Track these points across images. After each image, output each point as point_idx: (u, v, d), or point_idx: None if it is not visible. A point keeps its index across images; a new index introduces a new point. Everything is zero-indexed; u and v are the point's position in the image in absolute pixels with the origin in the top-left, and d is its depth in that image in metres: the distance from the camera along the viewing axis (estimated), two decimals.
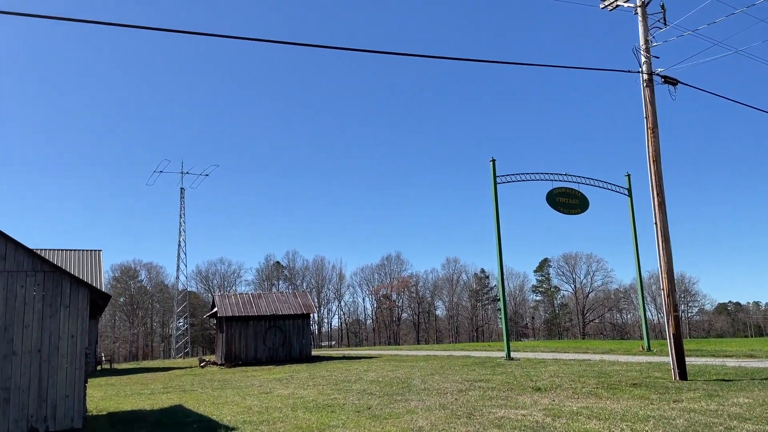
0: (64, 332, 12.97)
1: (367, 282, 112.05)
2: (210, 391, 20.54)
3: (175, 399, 18.69)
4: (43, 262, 13.22)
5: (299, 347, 36.27)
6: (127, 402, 18.82)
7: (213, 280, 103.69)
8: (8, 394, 12.25)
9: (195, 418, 13.85)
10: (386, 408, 13.68)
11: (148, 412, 16.01)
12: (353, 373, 23.99)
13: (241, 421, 12.81)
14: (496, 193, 29.38)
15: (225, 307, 35.64)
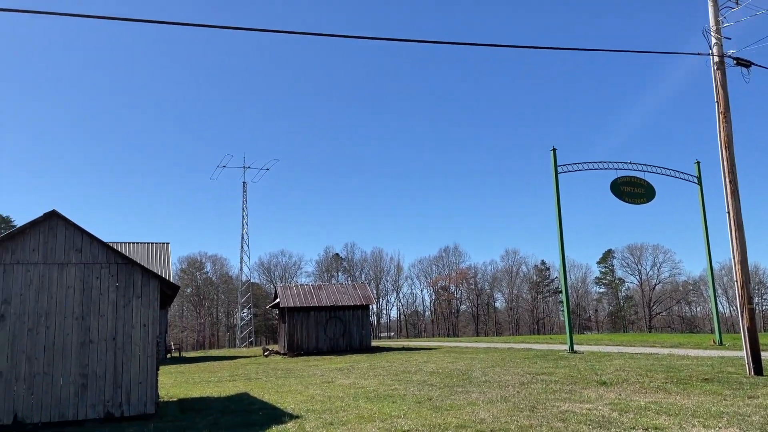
0: (136, 321, 13.56)
1: (425, 274, 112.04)
2: (274, 379, 21.04)
3: (241, 387, 19.25)
4: (116, 255, 13.84)
5: (359, 338, 36.66)
6: (196, 389, 19.52)
7: (275, 272, 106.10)
8: (86, 380, 12.91)
9: (260, 406, 14.23)
10: (447, 399, 13.67)
11: (216, 399, 16.56)
12: (413, 364, 24.08)
13: (304, 409, 13.07)
14: (557, 183, 28.75)
15: (287, 297, 36.38)
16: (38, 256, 13.12)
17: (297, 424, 11.14)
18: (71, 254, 13.38)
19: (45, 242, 13.25)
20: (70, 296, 13.15)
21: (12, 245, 13.03)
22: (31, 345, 12.69)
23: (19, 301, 12.79)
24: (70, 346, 12.94)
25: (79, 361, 12.94)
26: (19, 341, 12.62)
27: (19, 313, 12.74)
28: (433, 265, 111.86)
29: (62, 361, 12.82)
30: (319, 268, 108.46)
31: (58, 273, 13.17)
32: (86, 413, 12.77)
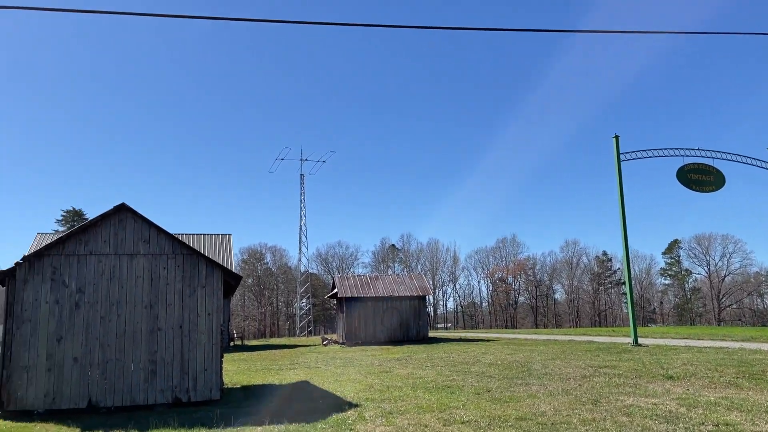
0: (201, 310, 14.01)
1: (482, 265, 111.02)
2: (333, 368, 21.36)
3: (302, 375, 19.63)
4: (182, 246, 14.32)
5: (416, 328, 36.73)
6: (258, 376, 20.03)
7: (332, 263, 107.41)
8: (155, 366, 13.46)
9: (320, 394, 14.48)
10: (506, 391, 13.54)
11: (278, 386, 16.95)
12: (471, 356, 23.95)
13: (363, 398, 13.22)
14: (620, 171, 27.90)
15: (345, 288, 36.80)
16: (109, 248, 13.73)
17: (357, 413, 11.28)
18: (140, 245, 13.93)
19: (115, 234, 13.85)
20: (139, 286, 13.71)
21: (85, 237, 13.67)
22: (104, 332, 13.31)
23: (92, 290, 13.43)
24: (140, 334, 13.51)
25: (148, 348, 13.49)
26: (92, 328, 13.26)
27: (92, 302, 13.38)
28: (490, 255, 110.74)
29: (133, 347, 13.39)
30: (375, 259, 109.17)
31: (128, 263, 13.74)
32: (155, 398, 13.32)
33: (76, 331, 13.15)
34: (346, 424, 10.23)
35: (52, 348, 12.94)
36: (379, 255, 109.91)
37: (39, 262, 13.26)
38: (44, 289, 13.13)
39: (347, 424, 10.16)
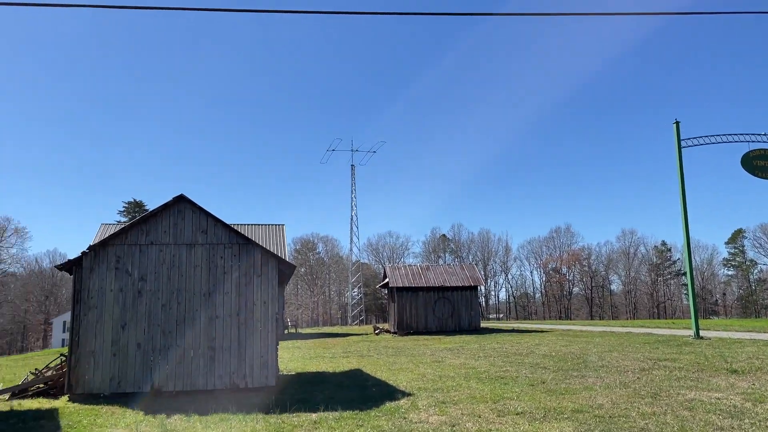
0: (257, 298, 14.31)
1: (535, 255, 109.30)
2: (385, 357, 21.49)
3: (354, 363, 19.84)
4: (238, 236, 14.64)
5: (468, 319, 36.54)
6: (312, 364, 20.36)
7: (382, 252, 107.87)
8: (213, 352, 13.85)
9: (373, 382, 14.59)
10: (561, 383, 13.32)
11: (331, 374, 17.18)
12: (524, 347, 23.67)
13: (416, 387, 13.25)
14: (680, 158, 26.91)
15: (396, 278, 36.90)
16: (169, 237, 14.16)
17: (410, 401, 11.32)
18: (198, 235, 14.31)
19: (175, 224, 14.27)
20: (197, 274, 14.11)
21: (146, 227, 14.15)
22: (165, 319, 13.77)
23: (153, 279, 13.90)
24: (199, 321, 13.91)
25: (207, 335, 13.89)
26: (154, 315, 13.74)
27: (153, 290, 13.85)
28: (543, 245, 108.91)
29: (192, 334, 13.81)
30: (425, 249, 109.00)
31: (187, 253, 14.15)
32: (214, 383, 13.72)
33: (139, 317, 13.65)
34: (399, 412, 10.29)
35: (116, 334, 13.48)
36: (430, 245, 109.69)
37: (104, 251, 13.80)
38: (109, 277, 13.67)
39: (400, 413, 10.21)
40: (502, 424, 9.03)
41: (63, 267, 14.00)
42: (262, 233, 45.37)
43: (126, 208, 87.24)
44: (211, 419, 10.28)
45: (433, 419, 9.57)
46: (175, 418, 10.54)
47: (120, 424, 10.23)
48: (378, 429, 8.96)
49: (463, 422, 9.25)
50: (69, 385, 13.27)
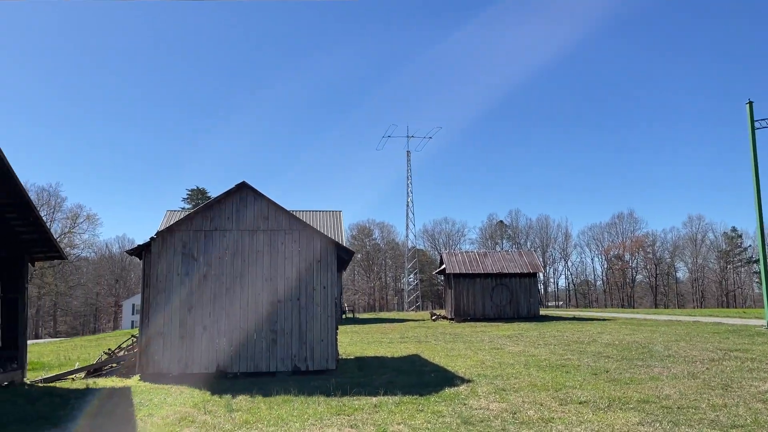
0: (317, 283, 14.54)
1: (596, 241, 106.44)
2: (443, 343, 21.48)
3: (412, 349, 19.92)
4: (298, 222, 14.88)
5: (527, 306, 36.06)
6: (370, 348, 20.56)
7: (438, 239, 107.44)
8: (276, 335, 14.18)
9: (432, 368, 14.62)
10: (626, 372, 12.98)
11: (389, 359, 17.31)
12: (586, 335, 23.17)
13: (475, 374, 13.20)
14: (753, 140, 25.59)
15: (453, 264, 36.74)
16: (232, 224, 14.53)
17: (469, 388, 11.28)
18: (259, 221, 14.63)
19: (237, 211, 14.63)
20: (260, 260, 14.44)
21: (211, 214, 14.56)
22: (229, 303, 14.18)
23: (217, 264, 14.31)
24: (262, 305, 14.26)
25: (269, 319, 14.23)
26: (219, 299, 14.17)
27: (218, 274, 14.27)
28: (605, 232, 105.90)
29: (255, 318, 14.18)
30: (482, 236, 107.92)
31: (249, 239, 14.49)
32: (276, 366, 14.06)
33: (205, 301, 14.11)
34: (458, 398, 10.27)
35: (183, 316, 13.98)
36: (486, 231, 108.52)
37: (171, 237, 14.29)
38: (176, 261, 14.16)
39: (460, 399, 10.19)
40: (565, 413, 8.88)
41: (133, 252, 14.59)
42: (319, 219, 45.96)
43: (189, 195, 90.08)
44: (275, 400, 10.54)
45: (494, 406, 9.51)
46: (240, 399, 10.86)
47: (188, 403, 10.62)
48: (438, 414, 8.97)
49: (524, 410, 9.15)
50: (140, 365, 13.87)
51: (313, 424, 8.57)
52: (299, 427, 8.43)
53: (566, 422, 8.27)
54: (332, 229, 44.88)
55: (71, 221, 71.83)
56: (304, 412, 9.48)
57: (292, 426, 8.51)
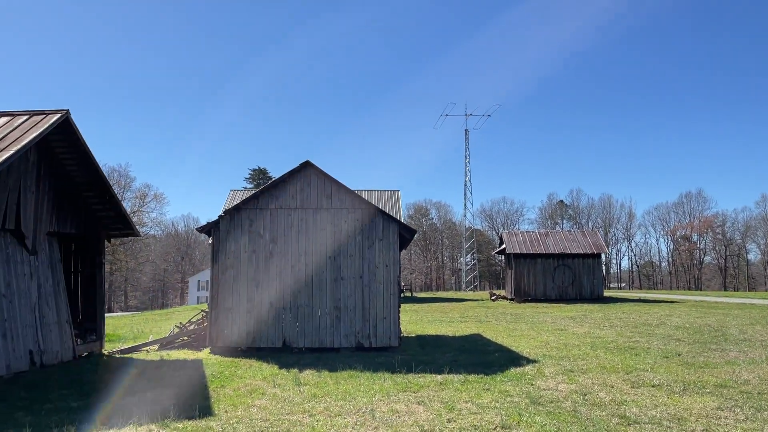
0: (379, 261, 14.62)
1: (662, 222, 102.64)
2: (504, 323, 21.29)
3: (473, 328, 19.83)
4: (360, 201, 14.95)
5: (590, 287, 35.25)
6: (431, 327, 20.60)
7: (496, 219, 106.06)
8: (339, 312, 14.37)
9: (495, 348, 14.52)
10: (699, 356, 12.53)
11: (451, 338, 17.30)
12: (654, 317, 22.48)
13: (540, 354, 13.02)
14: None
15: (513, 244, 36.24)
16: (296, 202, 14.74)
17: (535, 368, 11.14)
18: (323, 200, 14.78)
19: (301, 189, 14.81)
20: (323, 238, 14.61)
21: (276, 192, 14.80)
22: (294, 280, 14.44)
23: (283, 242, 14.57)
24: (325, 283, 14.46)
25: (333, 296, 14.43)
26: (284, 276, 14.45)
27: (283, 252, 14.54)
28: (671, 212, 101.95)
29: (320, 295, 14.41)
30: (541, 216, 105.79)
31: (313, 217, 14.67)
32: (340, 342, 14.27)
33: (271, 278, 14.42)
34: (525, 378, 10.16)
35: (251, 292, 14.34)
36: (546, 211, 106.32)
37: (238, 215, 14.63)
38: (243, 239, 14.50)
39: (527, 379, 10.08)
40: (638, 396, 8.65)
41: (202, 229, 15.02)
42: (378, 199, 46.06)
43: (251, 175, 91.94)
44: (341, 375, 10.70)
45: (563, 387, 9.36)
46: (307, 373, 11.09)
47: (258, 376, 10.93)
48: (505, 394, 8.90)
49: (594, 392, 8.97)
50: (210, 339, 14.35)
51: (380, 400, 8.66)
52: (367, 402, 8.53)
53: (640, 405, 8.06)
54: (390, 208, 44.92)
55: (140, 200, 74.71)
56: (371, 387, 9.59)
57: (360, 401, 8.62)
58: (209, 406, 8.49)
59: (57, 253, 13.57)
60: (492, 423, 7.15)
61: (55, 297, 13.14)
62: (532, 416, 7.45)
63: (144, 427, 7.27)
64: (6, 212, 11.52)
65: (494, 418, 7.39)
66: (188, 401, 8.79)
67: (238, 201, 35.01)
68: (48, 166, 13.02)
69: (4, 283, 11.41)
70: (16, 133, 11.75)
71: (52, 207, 13.17)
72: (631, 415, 7.48)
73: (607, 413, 7.61)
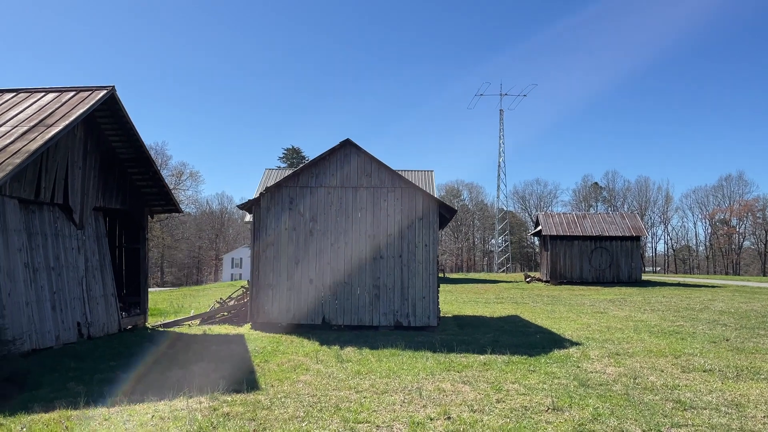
0: (419, 241, 14.52)
1: (700, 205, 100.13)
2: (541, 305, 21.07)
3: (510, 309, 19.67)
4: (400, 180, 14.82)
5: (627, 270, 34.66)
6: (467, 308, 20.50)
7: (529, 200, 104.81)
8: (378, 291, 14.36)
9: (535, 329, 14.36)
10: (748, 342, 12.19)
11: (489, 318, 17.18)
12: (696, 302, 21.99)
13: (583, 337, 12.83)
14: None
15: (549, 226, 35.78)
16: (336, 180, 14.69)
17: (580, 351, 10.97)
18: (362, 179, 14.70)
19: (341, 168, 14.75)
20: (363, 217, 14.57)
21: (316, 171, 14.77)
22: (334, 258, 14.46)
23: (323, 220, 14.58)
24: (365, 261, 14.44)
25: (372, 275, 14.42)
26: (324, 254, 14.47)
27: (323, 230, 14.55)
28: (710, 195, 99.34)
29: (359, 273, 14.40)
30: (576, 198, 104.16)
31: (353, 195, 14.62)
32: (379, 320, 14.28)
33: (311, 255, 14.46)
34: (570, 360, 10.01)
35: (291, 270, 14.42)
36: (581, 193, 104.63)
37: (278, 192, 14.66)
38: (283, 216, 14.54)
39: (572, 361, 9.93)
40: (690, 381, 8.44)
41: (244, 206, 15.11)
42: (411, 179, 45.81)
43: (285, 155, 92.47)
44: (383, 353, 10.70)
45: (611, 370, 9.18)
46: (348, 350, 11.12)
47: (300, 352, 10.99)
48: (552, 375, 8.77)
49: (644, 375, 8.78)
50: (251, 314, 14.50)
51: (425, 378, 8.62)
52: (412, 380, 8.50)
53: (694, 390, 7.85)
54: (424, 188, 44.71)
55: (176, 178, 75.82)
56: (414, 366, 9.56)
57: (405, 379, 8.60)
58: (255, 380, 8.56)
59: (103, 228, 13.82)
60: (542, 404, 7.04)
61: (101, 271, 13.41)
62: (582, 398, 7.32)
63: (194, 399, 7.36)
64: (54, 187, 11.73)
65: (544, 399, 7.28)
66: (234, 375, 8.88)
67: (272, 180, 35.26)
68: (94, 142, 13.21)
69: (53, 257, 11.66)
70: (64, 108, 11.91)
71: (98, 182, 13.37)
72: (686, 400, 7.29)
73: (661, 397, 7.43)
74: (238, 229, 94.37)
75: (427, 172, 48.46)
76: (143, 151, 13.92)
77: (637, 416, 6.56)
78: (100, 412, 6.79)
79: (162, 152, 74.52)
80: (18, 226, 10.63)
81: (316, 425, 6.26)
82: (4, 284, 9.97)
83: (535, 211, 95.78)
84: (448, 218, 16.22)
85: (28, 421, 6.46)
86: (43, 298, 11.14)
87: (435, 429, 6.14)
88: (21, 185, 10.68)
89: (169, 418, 6.55)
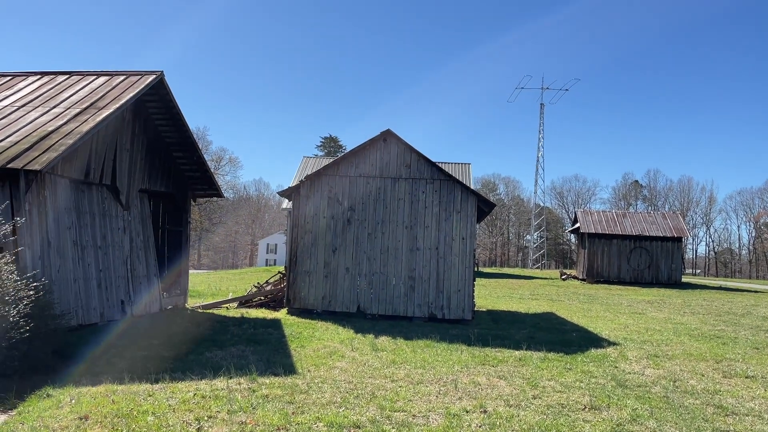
0: (456, 234, 14.49)
1: (745, 207, 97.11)
2: (578, 303, 20.82)
3: (545, 306, 19.49)
4: (439, 172, 14.80)
5: (667, 271, 33.94)
6: (501, 303, 20.39)
7: (567, 197, 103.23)
8: (413, 282, 14.40)
9: (571, 327, 14.21)
10: None
11: (524, 314, 17.06)
12: (738, 306, 21.43)
13: (621, 337, 12.64)
14: None
15: (588, 223, 35.25)
16: (376, 170, 14.74)
17: (617, 351, 10.83)
18: (402, 170, 14.71)
19: (381, 158, 14.79)
20: (401, 207, 14.60)
21: (356, 160, 14.85)
22: (371, 247, 14.54)
23: (361, 209, 14.66)
24: (401, 252, 14.49)
25: (408, 266, 14.46)
26: (361, 243, 14.56)
27: (361, 220, 14.64)
28: (756, 197, 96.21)
29: (395, 263, 14.46)
30: (615, 195, 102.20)
31: (391, 186, 14.66)
32: (413, 311, 14.33)
33: (348, 244, 14.57)
34: (608, 360, 9.88)
35: (328, 257, 14.56)
36: (620, 191, 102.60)
37: (318, 180, 14.79)
38: (322, 205, 14.68)
39: (609, 361, 9.80)
40: (732, 387, 8.25)
41: (284, 193, 15.31)
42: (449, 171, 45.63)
43: (323, 143, 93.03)
44: (417, 344, 10.74)
45: (649, 372, 9.05)
46: (383, 339, 11.20)
47: (335, 339, 11.12)
48: (589, 374, 8.69)
49: (684, 379, 8.62)
50: (288, 300, 14.71)
51: (460, 371, 8.64)
52: (446, 372, 8.53)
53: (736, 396, 7.69)
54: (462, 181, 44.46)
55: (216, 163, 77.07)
56: (448, 358, 9.58)
57: (440, 370, 8.63)
58: (292, 365, 8.70)
59: (147, 210, 14.16)
60: (579, 403, 6.99)
61: (145, 251, 13.76)
62: (621, 399, 7.23)
63: (234, 380, 7.53)
64: (103, 168, 12.07)
65: (581, 398, 7.22)
66: (271, 358, 9.05)
67: (310, 168, 35.50)
68: (141, 125, 13.52)
69: (100, 236, 12.02)
70: (115, 92, 12.22)
71: (144, 165, 13.70)
72: (727, 405, 7.14)
73: (701, 402, 7.30)
74: (274, 215, 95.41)
75: (464, 164, 48.14)
76: (188, 135, 14.19)
77: (677, 419, 6.47)
78: (145, 388, 7.01)
79: (203, 137, 75.76)
80: (68, 205, 10.98)
81: (353, 411, 6.35)
82: (54, 260, 10.33)
83: (572, 207, 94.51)
84: (486, 212, 16.13)
85: (77, 394, 6.71)
86: (90, 276, 11.50)
87: (471, 421, 6.16)
88: (72, 165, 11.01)
89: (210, 397, 6.72)
